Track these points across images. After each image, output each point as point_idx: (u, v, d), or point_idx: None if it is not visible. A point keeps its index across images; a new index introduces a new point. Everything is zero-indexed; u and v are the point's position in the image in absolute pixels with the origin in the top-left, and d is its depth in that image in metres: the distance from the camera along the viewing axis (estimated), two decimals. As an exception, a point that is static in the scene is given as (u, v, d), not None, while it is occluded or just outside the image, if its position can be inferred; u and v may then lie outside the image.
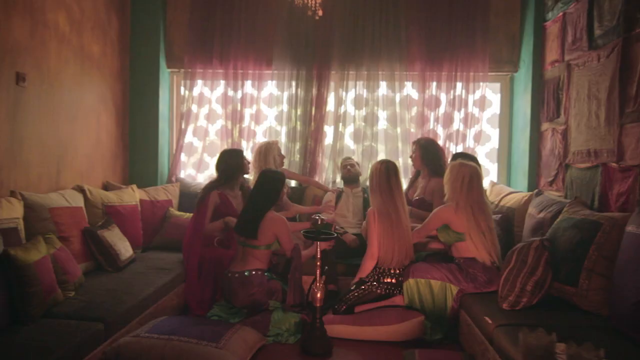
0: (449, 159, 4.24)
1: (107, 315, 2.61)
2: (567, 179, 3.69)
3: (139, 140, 4.72)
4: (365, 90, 4.73)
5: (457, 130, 4.66)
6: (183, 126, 4.80)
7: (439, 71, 4.59)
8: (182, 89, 4.90)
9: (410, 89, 4.72)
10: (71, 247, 3.14)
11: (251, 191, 3.55)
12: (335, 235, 3.11)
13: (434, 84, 4.64)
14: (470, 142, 4.65)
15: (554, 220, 3.26)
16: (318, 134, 4.73)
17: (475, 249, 3.18)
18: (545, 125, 4.14)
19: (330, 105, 4.79)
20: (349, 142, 4.84)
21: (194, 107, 4.84)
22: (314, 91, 4.71)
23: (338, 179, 4.83)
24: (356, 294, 3.27)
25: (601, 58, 3.22)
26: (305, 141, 4.76)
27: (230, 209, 3.79)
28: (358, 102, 4.75)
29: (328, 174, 4.84)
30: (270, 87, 4.85)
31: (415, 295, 3.25)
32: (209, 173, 5.05)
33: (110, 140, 4.41)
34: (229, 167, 3.86)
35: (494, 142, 4.81)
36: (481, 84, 4.62)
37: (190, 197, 4.64)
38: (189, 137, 4.88)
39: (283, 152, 4.56)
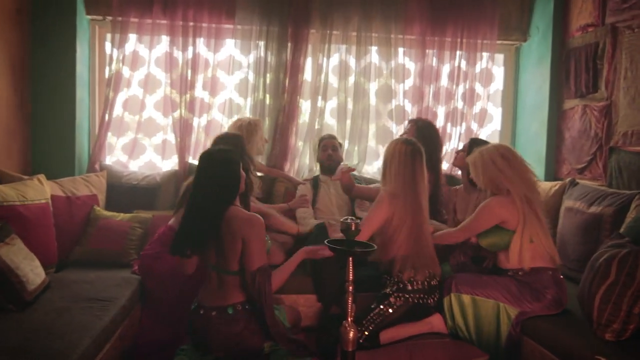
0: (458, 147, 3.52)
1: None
2: (613, 165, 3.08)
3: (46, 113, 3.39)
4: (350, 57, 3.81)
5: (456, 109, 3.91)
6: (110, 95, 3.54)
7: (440, 36, 3.79)
8: (109, 45, 3.63)
9: (404, 58, 3.87)
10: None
11: (193, 185, 2.20)
12: (374, 247, 2.14)
13: (432, 52, 3.84)
14: (471, 123, 3.93)
15: (620, 216, 2.62)
16: (291, 110, 3.72)
17: (541, 255, 2.42)
18: (571, 103, 3.51)
19: (308, 74, 3.81)
20: (329, 120, 3.90)
21: (125, 71, 3.60)
22: (288, 55, 3.69)
23: (316, 166, 3.87)
24: (381, 312, 2.42)
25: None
26: (275, 118, 3.74)
27: None
28: (342, 71, 3.82)
29: (303, 160, 3.87)
30: (231, 47, 3.74)
31: (459, 315, 2.45)
32: (146, 159, 3.83)
33: (2, 110, 3.07)
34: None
35: (495, 124, 4.13)
36: (484, 54, 3.90)
37: (123, 191, 3.45)
38: (118, 111, 3.63)
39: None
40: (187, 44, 3.59)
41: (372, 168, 3.96)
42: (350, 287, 2.03)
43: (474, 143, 2.87)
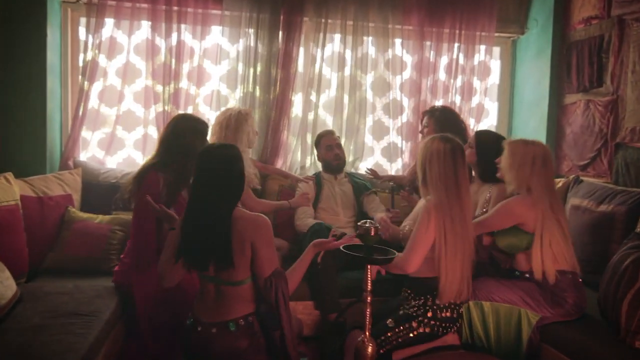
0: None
1: None
2: (619, 162, 3.00)
3: (13, 104, 3.06)
4: (344, 47, 3.61)
5: (454, 103, 3.76)
6: (85, 86, 3.23)
7: (439, 27, 3.63)
8: (83, 30, 3.32)
9: (399, 49, 3.70)
10: None
11: (193, 188, 1.94)
12: (395, 253, 1.93)
13: (429, 43, 3.68)
14: (468, 118, 3.80)
15: (633, 215, 2.53)
16: (283, 103, 3.50)
17: (561, 259, 2.28)
18: (572, 97, 3.41)
19: (300, 65, 3.59)
20: (323, 114, 3.69)
21: (102, 59, 3.30)
22: (280, 44, 3.46)
23: (308, 163, 3.67)
24: (400, 334, 2.18)
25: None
26: (266, 112, 3.51)
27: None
28: (336, 62, 3.61)
29: (295, 157, 3.65)
30: (217, 35, 3.49)
31: (478, 323, 2.29)
32: (124, 155, 3.54)
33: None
34: (183, 138, 2.42)
35: (492, 119, 4.02)
36: (481, 47, 3.77)
37: (100, 191, 3.16)
38: (93, 102, 3.33)
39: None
40: (170, 30, 3.31)
41: (368, 165, 3.78)
42: (369, 298, 1.84)
43: (481, 136, 2.71)
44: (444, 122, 3.06)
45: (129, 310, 2.36)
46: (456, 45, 3.69)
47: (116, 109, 3.37)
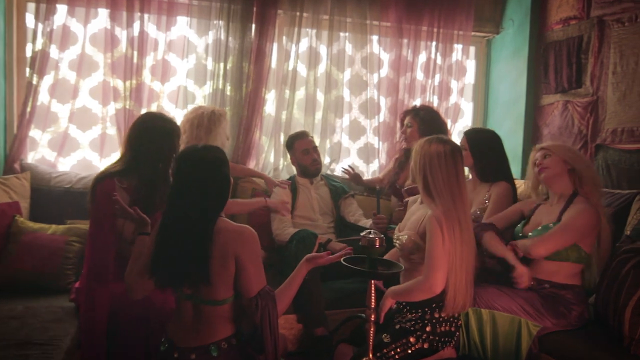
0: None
1: None
2: (600, 163, 2.99)
3: (-53, 99, 2.68)
4: (319, 43, 3.43)
5: (431, 103, 3.67)
6: (33, 79, 2.88)
7: (417, 24, 3.52)
8: (31, 17, 2.96)
9: (377, 46, 3.56)
10: None
11: (171, 195, 1.73)
12: (402, 267, 1.74)
13: (406, 41, 3.56)
14: (445, 119, 3.71)
15: (621, 217, 2.51)
16: (256, 101, 3.28)
17: (576, 272, 2.20)
18: (550, 98, 3.39)
19: (274, 61, 3.38)
20: (297, 113, 3.50)
21: (53, 50, 2.95)
22: (252, 38, 3.24)
23: (281, 165, 3.47)
24: (397, 350, 2.02)
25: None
26: (238, 110, 3.28)
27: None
28: (311, 59, 3.43)
29: (267, 158, 3.44)
30: (184, 26, 3.22)
31: (475, 331, 2.18)
32: (79, 157, 3.20)
33: None
34: (151, 140, 2.16)
35: (467, 119, 3.96)
36: (456, 46, 3.70)
37: (52, 197, 2.84)
38: (43, 98, 2.98)
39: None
40: (131, 20, 3.02)
41: (343, 166, 3.62)
42: (372, 316, 1.67)
43: (472, 136, 2.62)
44: (430, 122, 2.96)
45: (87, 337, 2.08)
46: (433, 43, 3.60)
47: (69, 106, 3.03)
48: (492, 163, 2.40)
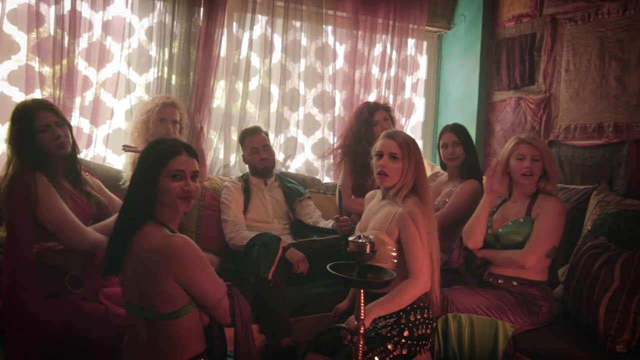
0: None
1: None
2: (553, 160, 3.04)
3: None
4: (272, 31, 3.22)
5: (385, 97, 3.59)
6: (-63, 60, 2.43)
7: (373, 16, 3.42)
8: None
9: (333, 38, 3.42)
10: None
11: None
12: (394, 275, 1.59)
13: (361, 33, 3.45)
14: (397, 114, 3.65)
15: (579, 212, 2.57)
16: (204, 91, 3.01)
17: (545, 268, 2.20)
18: (502, 95, 3.43)
19: (224, 49, 3.13)
20: (249, 105, 3.26)
21: (-37, 27, 2.51)
22: (200, 22, 2.97)
23: (232, 161, 3.23)
24: (376, 359, 1.88)
25: (629, 10, 2.59)
26: (184, 101, 2.98)
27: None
28: (265, 48, 3.21)
29: (217, 155, 3.19)
30: (121, 6, 2.87)
31: (454, 337, 2.10)
32: (-2, 151, 2.77)
33: None
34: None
35: (419, 115, 3.93)
36: (409, 40, 3.64)
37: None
38: (-49, 83, 2.53)
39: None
40: (59, -5, 2.64)
41: (297, 163, 3.45)
42: (362, 329, 1.52)
43: (461, 130, 2.67)
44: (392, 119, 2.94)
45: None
46: (389, 37, 3.51)
47: (-16, 93, 2.61)
48: (476, 158, 2.41)
